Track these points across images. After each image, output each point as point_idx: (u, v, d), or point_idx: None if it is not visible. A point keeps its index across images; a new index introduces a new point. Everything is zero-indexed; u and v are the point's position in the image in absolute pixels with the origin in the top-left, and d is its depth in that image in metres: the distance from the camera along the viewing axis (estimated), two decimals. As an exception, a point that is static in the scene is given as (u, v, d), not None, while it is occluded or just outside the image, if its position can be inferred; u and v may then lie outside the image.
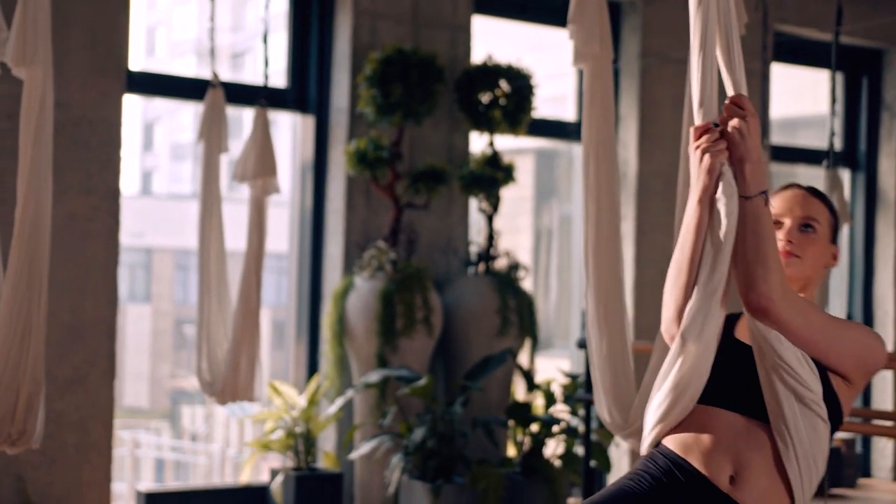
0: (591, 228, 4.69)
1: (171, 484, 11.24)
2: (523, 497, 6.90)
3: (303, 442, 6.90)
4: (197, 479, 12.03)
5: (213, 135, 5.81)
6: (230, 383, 5.63)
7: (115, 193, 6.37)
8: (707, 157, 2.54)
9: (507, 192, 7.57)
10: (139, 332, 19.49)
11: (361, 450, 6.77)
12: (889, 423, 6.37)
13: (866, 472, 9.71)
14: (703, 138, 2.57)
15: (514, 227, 13.40)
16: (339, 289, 7.09)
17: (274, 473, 6.89)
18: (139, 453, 12.23)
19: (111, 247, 6.37)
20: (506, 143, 7.93)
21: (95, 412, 6.29)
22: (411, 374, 6.76)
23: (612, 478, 8.39)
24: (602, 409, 4.69)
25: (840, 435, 9.53)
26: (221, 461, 11.51)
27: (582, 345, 6.08)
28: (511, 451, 7.33)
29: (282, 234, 8.12)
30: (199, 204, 5.79)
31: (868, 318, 9.66)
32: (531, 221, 13.75)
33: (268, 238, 5.71)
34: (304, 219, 7.47)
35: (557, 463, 7.02)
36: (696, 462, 2.65)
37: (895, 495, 9.08)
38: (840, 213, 5.66)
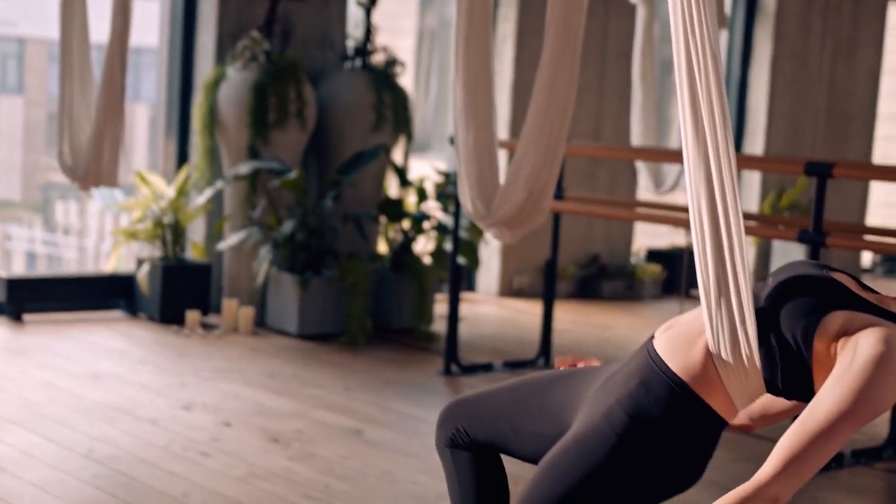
0: (462, 19, 4.61)
1: (34, 272, 11.08)
2: (392, 291, 6.98)
3: (171, 232, 6.84)
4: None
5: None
6: (93, 168, 5.50)
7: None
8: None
9: (386, -14, 7.39)
10: (11, 124, 18.92)
11: (230, 241, 6.74)
12: (752, 223, 6.52)
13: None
14: None
15: (396, 28, 13.16)
16: (211, 79, 6.92)
17: (140, 263, 6.83)
18: (10, 246, 12.02)
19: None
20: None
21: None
22: (283, 167, 6.69)
23: (481, 275, 8.53)
24: (465, 198, 4.71)
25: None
26: (95, 255, 11.38)
27: (453, 140, 6.07)
28: (381, 247, 7.37)
29: (155, 27, 7.85)
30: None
31: (740, 128, 9.83)
32: (415, 24, 13.52)
33: (139, 30, 5.50)
34: (176, 8, 7.21)
35: (427, 259, 7.09)
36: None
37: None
38: (718, 19, 5.65)
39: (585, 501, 2.19)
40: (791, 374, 2.14)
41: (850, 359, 2.03)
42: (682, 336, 2.23)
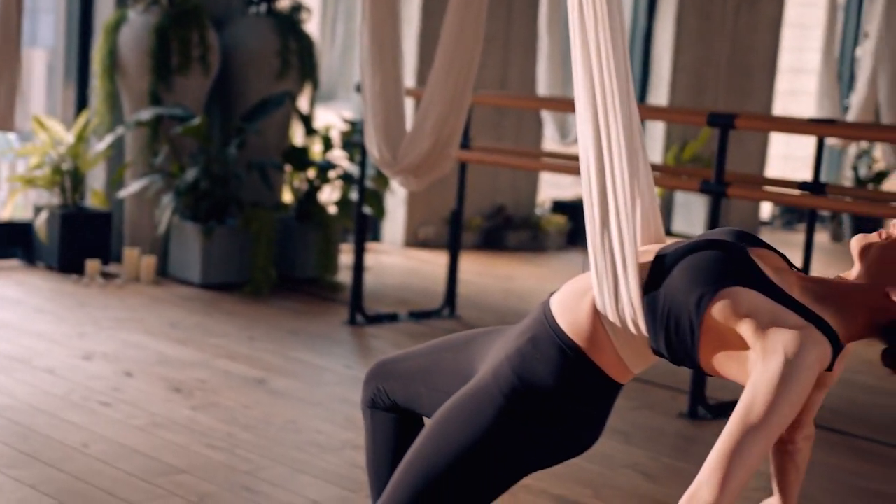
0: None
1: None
2: (296, 241, 6.92)
3: (70, 179, 6.68)
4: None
5: None
6: (-13, 112, 5.35)
7: None
8: None
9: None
10: None
11: (131, 188, 6.61)
12: (655, 174, 6.58)
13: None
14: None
15: (303, -26, 12.92)
16: (111, 22, 6.75)
17: (38, 210, 6.67)
18: None
19: None
20: None
21: None
22: (185, 113, 6.57)
23: (387, 225, 8.50)
24: (372, 145, 4.68)
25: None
26: (-10, 203, 11.10)
27: (359, 88, 6.02)
28: (286, 196, 7.30)
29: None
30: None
31: (645, 80, 9.90)
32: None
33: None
34: (74, -53, 7.01)
35: (332, 209, 7.04)
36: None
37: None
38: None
39: (472, 462, 2.10)
40: (676, 340, 2.01)
41: (761, 370, 1.90)
42: (573, 292, 2.13)
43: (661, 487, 3.85)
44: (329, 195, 7.15)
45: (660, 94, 9.86)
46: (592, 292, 2.09)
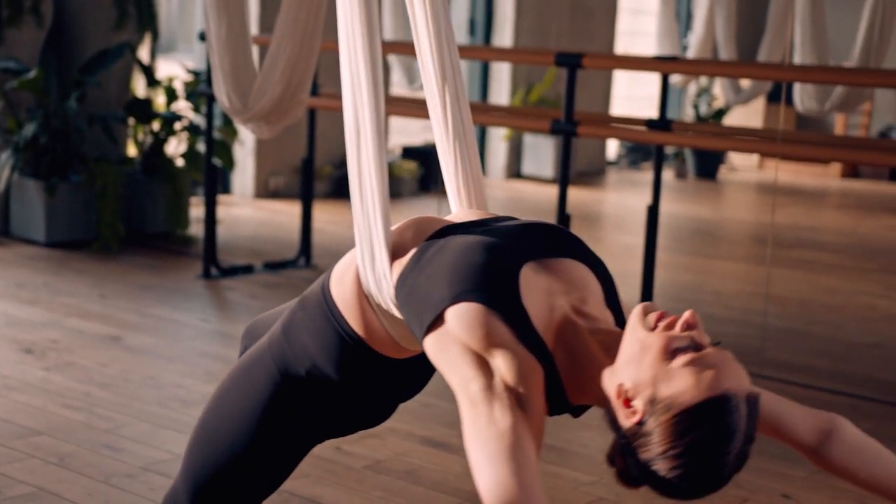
0: None
1: None
2: (144, 195, 6.75)
3: None
4: None
5: None
6: None
7: None
8: None
9: None
10: None
11: (-34, 146, 6.35)
12: (504, 115, 6.63)
13: (481, 170, 10.20)
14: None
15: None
16: (-65, -28, 6.44)
17: None
18: None
19: None
20: None
21: None
22: (20, 66, 6.32)
23: (236, 177, 8.37)
24: (221, 93, 4.58)
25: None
26: None
27: (203, 36, 5.88)
28: (131, 150, 7.11)
29: None
30: None
31: (488, 22, 9.93)
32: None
33: None
34: None
35: (180, 161, 6.88)
36: None
37: (506, 191, 9.63)
38: None
39: (252, 427, 1.94)
40: (412, 323, 1.74)
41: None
42: (347, 260, 1.91)
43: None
44: (176, 148, 6.99)
45: (504, 37, 9.90)
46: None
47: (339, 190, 8.68)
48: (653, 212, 5.25)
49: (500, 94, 9.94)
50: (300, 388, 1.92)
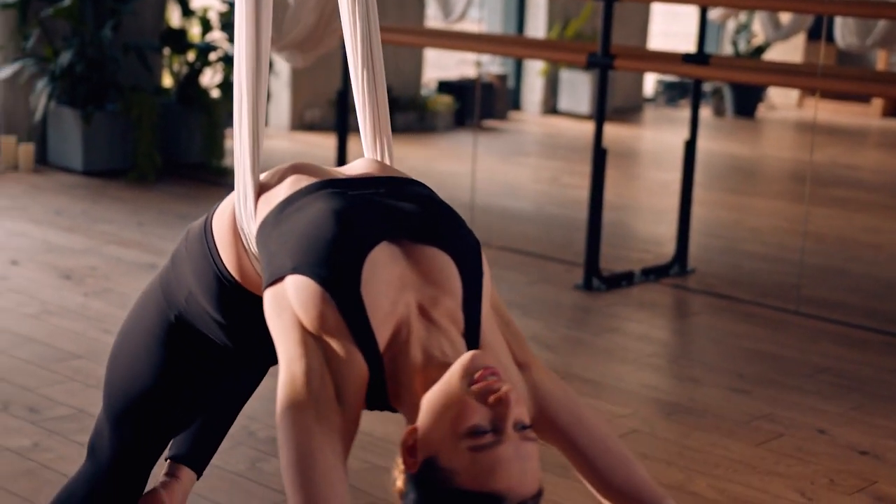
0: None
1: None
2: (180, 125, 6.76)
3: (-63, 66, 6.39)
4: None
5: None
6: None
7: None
8: None
9: None
10: None
11: (2, 73, 6.35)
12: (542, 50, 6.56)
13: (517, 106, 10.16)
14: None
15: None
16: None
17: None
18: None
19: None
20: None
21: None
22: (56, -5, 6.32)
23: (272, 109, 8.35)
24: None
25: (494, 70, 9.86)
26: None
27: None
28: (166, 80, 7.10)
29: None
30: None
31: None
32: None
33: None
34: None
35: (215, 92, 6.87)
36: None
37: (542, 127, 9.59)
38: None
39: (149, 356, 1.93)
40: (262, 271, 1.68)
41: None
42: (232, 195, 1.84)
43: (560, 357, 3.91)
44: (211, 78, 6.98)
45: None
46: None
47: (374, 123, 8.64)
48: (690, 147, 5.20)
49: (537, 28, 9.85)
50: (184, 317, 1.89)
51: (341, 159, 6.23)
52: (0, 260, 4.62)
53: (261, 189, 1.77)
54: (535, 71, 9.96)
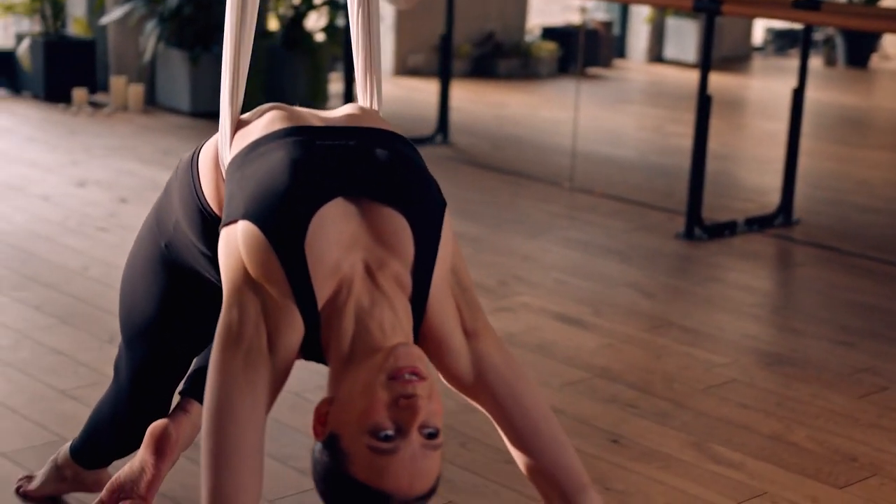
0: None
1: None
2: (285, 69, 6.82)
3: (50, 5, 6.52)
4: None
5: None
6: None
7: None
8: None
9: None
10: None
11: (113, 15, 6.47)
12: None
13: (621, 53, 10.03)
14: None
15: None
16: None
17: (20, 38, 6.53)
18: None
19: None
20: None
21: None
22: (166, -63, 6.39)
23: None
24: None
25: (599, 16, 9.74)
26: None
27: None
28: (272, 23, 7.16)
29: None
30: None
31: None
32: None
33: None
34: None
35: (320, 36, 6.91)
36: None
37: (647, 75, 9.46)
38: None
39: (142, 287, 1.99)
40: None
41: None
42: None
43: (659, 305, 3.88)
44: (315, 22, 7.01)
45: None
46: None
47: (478, 69, 8.63)
48: (798, 95, 5.09)
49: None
50: (173, 244, 1.92)
51: (444, 104, 6.23)
52: (109, 198, 4.72)
53: (240, 124, 1.81)
54: (640, 18, 9.82)
